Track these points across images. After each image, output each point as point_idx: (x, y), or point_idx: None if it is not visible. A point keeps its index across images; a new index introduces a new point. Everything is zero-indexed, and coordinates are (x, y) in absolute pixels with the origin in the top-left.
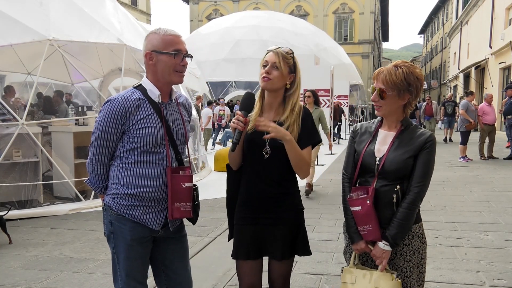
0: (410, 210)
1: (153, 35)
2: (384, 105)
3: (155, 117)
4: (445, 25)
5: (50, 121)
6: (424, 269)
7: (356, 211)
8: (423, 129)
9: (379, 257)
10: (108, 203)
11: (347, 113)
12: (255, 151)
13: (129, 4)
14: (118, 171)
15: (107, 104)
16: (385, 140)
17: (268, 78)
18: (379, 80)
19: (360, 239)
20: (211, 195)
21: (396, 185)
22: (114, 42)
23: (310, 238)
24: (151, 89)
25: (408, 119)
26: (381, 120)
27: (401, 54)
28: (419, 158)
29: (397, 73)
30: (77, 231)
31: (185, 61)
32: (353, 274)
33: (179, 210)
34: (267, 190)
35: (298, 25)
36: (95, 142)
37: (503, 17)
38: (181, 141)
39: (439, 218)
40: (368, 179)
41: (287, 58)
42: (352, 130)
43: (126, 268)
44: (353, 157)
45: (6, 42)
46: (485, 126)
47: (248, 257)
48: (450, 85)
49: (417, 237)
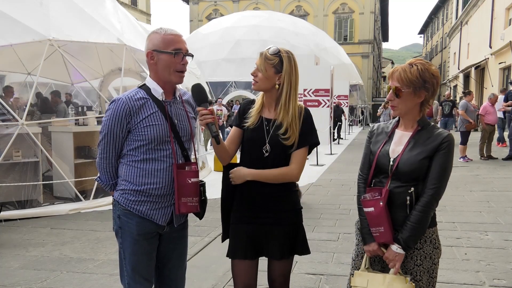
0: (424, 213)
1: (154, 35)
2: (399, 104)
3: (159, 115)
4: (445, 25)
5: (50, 121)
6: (435, 274)
7: (369, 212)
8: (441, 129)
9: (392, 260)
10: (117, 198)
11: (347, 113)
12: (255, 149)
13: (129, 4)
14: (126, 168)
15: (112, 104)
16: (401, 140)
17: (255, 80)
18: (394, 79)
19: (372, 241)
20: (211, 195)
21: (410, 187)
22: (114, 42)
23: (310, 238)
24: (155, 88)
25: (425, 118)
26: (398, 120)
27: (401, 54)
28: (435, 159)
29: (412, 70)
30: (77, 231)
31: (186, 60)
32: (365, 278)
33: (186, 204)
34: (266, 189)
35: (298, 25)
36: (102, 141)
37: (503, 17)
38: (187, 138)
39: (439, 218)
40: (382, 180)
41: (270, 59)
42: (369, 131)
43: (132, 263)
44: (369, 158)
45: (6, 42)
46: (487, 126)
47: (246, 256)
48: (450, 85)
49: (429, 242)
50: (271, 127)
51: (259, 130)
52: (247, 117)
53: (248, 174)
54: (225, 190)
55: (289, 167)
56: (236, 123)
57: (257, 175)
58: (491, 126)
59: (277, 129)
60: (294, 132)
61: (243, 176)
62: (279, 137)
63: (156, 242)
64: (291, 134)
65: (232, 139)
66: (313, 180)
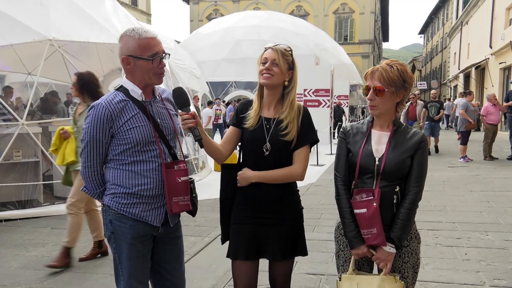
0: (412, 210)
1: (128, 39)
2: (380, 104)
3: (141, 116)
4: (445, 25)
5: (51, 121)
6: (418, 269)
7: (361, 214)
8: (414, 129)
9: (383, 260)
10: (107, 203)
11: (348, 113)
12: (255, 148)
13: (129, 4)
14: (115, 172)
15: (91, 110)
16: (380, 140)
17: (270, 74)
18: (374, 78)
19: (361, 244)
20: (211, 195)
21: (396, 186)
22: (114, 42)
23: (310, 238)
24: (133, 89)
25: (398, 119)
26: (371, 121)
27: (401, 54)
28: (415, 158)
29: (393, 70)
30: None
31: (163, 63)
32: (354, 281)
33: (178, 204)
34: (268, 189)
35: (298, 25)
36: (85, 149)
37: (503, 17)
38: (172, 136)
39: (439, 218)
40: (366, 180)
41: (286, 55)
42: (342, 131)
43: (128, 267)
44: (345, 158)
45: (6, 42)
46: (489, 126)
47: (247, 257)
48: (450, 85)
49: (414, 238)
50: (271, 125)
51: (259, 130)
52: (245, 118)
53: (253, 176)
54: (225, 191)
55: (293, 167)
56: (233, 123)
57: (262, 177)
58: (493, 126)
59: (278, 127)
60: (294, 128)
61: (249, 178)
62: (279, 134)
63: (151, 244)
64: (291, 129)
65: (228, 138)
66: (313, 180)
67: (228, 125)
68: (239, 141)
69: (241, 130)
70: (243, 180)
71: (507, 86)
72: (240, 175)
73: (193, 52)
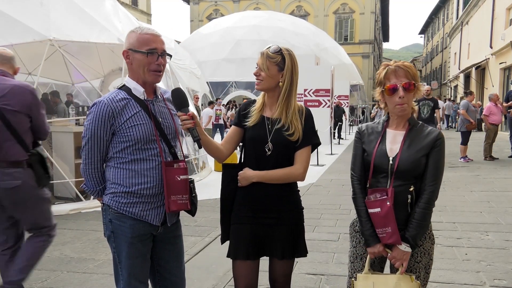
0: (427, 209)
1: (131, 34)
2: (409, 100)
3: (143, 114)
4: (445, 25)
5: (51, 121)
6: (430, 270)
7: (375, 213)
8: (431, 127)
9: (399, 259)
10: (107, 202)
11: (348, 113)
12: (257, 148)
13: (129, 4)
14: (114, 171)
15: (93, 107)
16: (395, 139)
17: (259, 80)
18: (400, 76)
19: (377, 242)
20: (211, 195)
21: (410, 185)
22: (114, 42)
23: (310, 238)
24: (135, 87)
25: (414, 117)
26: (387, 120)
27: (401, 54)
28: (431, 157)
29: (412, 67)
30: (78, 231)
31: (160, 60)
32: (369, 280)
33: (176, 202)
34: (268, 189)
35: (298, 25)
36: (86, 146)
37: (503, 17)
38: (172, 135)
39: (440, 218)
40: (381, 179)
41: (272, 57)
42: (358, 131)
43: (128, 267)
44: (361, 158)
45: (7, 42)
46: (491, 126)
47: (248, 257)
48: (450, 85)
49: (428, 238)
50: (273, 125)
51: (260, 129)
52: (248, 117)
53: (254, 176)
54: (225, 191)
55: (294, 167)
56: (235, 122)
57: (263, 176)
58: (495, 126)
59: (279, 127)
60: (297, 128)
61: (249, 177)
62: (283, 134)
63: (150, 244)
64: (294, 130)
65: (230, 138)
66: (314, 180)
67: (230, 125)
68: (240, 141)
69: (243, 129)
70: (244, 180)
71: (507, 86)
72: (240, 175)
73: (193, 52)
